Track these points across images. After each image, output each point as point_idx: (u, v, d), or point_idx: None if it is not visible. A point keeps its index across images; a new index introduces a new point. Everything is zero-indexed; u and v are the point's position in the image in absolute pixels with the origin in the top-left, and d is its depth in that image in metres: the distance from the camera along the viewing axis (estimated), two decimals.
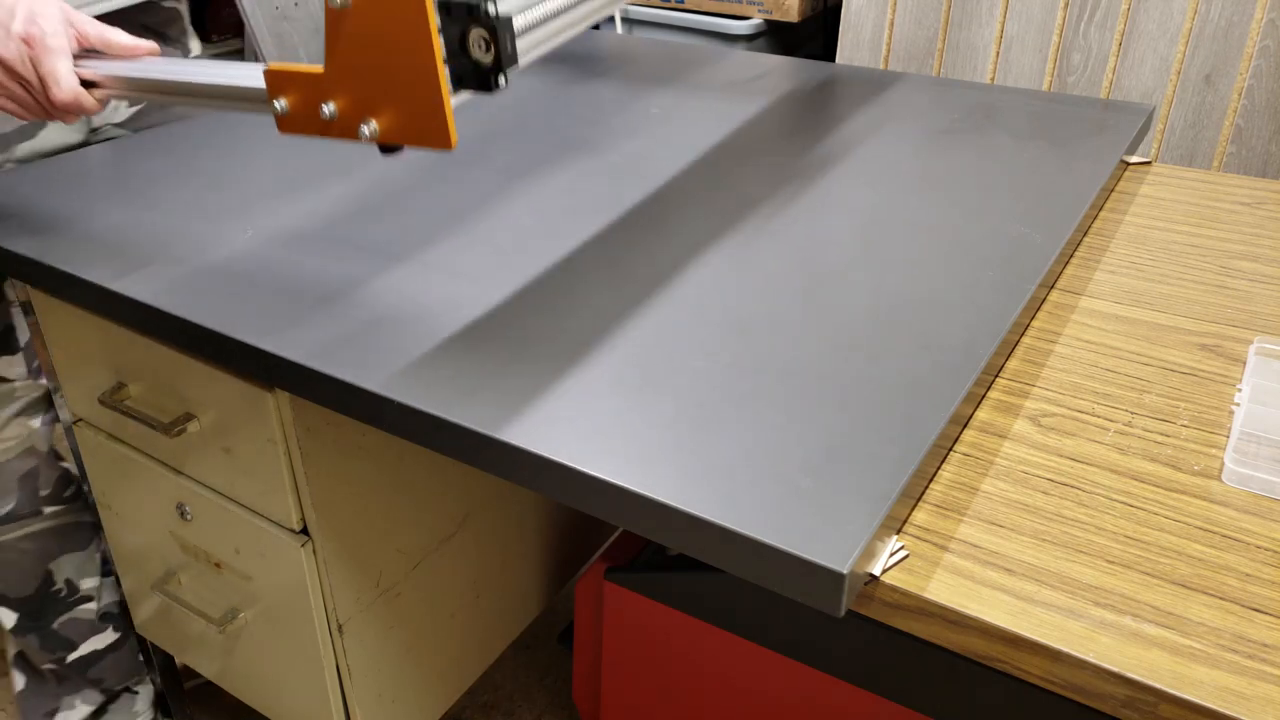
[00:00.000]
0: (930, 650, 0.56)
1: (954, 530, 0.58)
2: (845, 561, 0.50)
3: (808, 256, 0.80)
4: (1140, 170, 1.03)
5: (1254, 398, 0.67)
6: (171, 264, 0.80)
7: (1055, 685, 0.52)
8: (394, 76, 0.59)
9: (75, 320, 0.90)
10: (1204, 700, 0.48)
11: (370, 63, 0.59)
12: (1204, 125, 1.71)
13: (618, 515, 0.57)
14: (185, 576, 0.99)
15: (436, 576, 0.99)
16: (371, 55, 0.59)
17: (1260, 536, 0.57)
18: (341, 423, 0.82)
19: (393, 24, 0.57)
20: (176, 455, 0.90)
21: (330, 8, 0.58)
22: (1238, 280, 0.82)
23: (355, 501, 0.86)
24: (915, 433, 0.60)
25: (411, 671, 1.00)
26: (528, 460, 0.59)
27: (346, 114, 0.62)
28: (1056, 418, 0.67)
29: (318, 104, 0.63)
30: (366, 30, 0.58)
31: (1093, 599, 0.53)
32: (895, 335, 0.69)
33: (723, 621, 0.72)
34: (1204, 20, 1.64)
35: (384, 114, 0.61)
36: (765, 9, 1.91)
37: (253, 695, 1.02)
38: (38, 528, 1.07)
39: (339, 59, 0.60)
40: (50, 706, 1.18)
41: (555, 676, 1.38)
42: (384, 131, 0.62)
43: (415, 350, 0.69)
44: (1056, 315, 0.78)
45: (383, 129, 0.62)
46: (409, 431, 0.65)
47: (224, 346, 0.72)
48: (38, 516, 1.07)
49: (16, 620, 1.11)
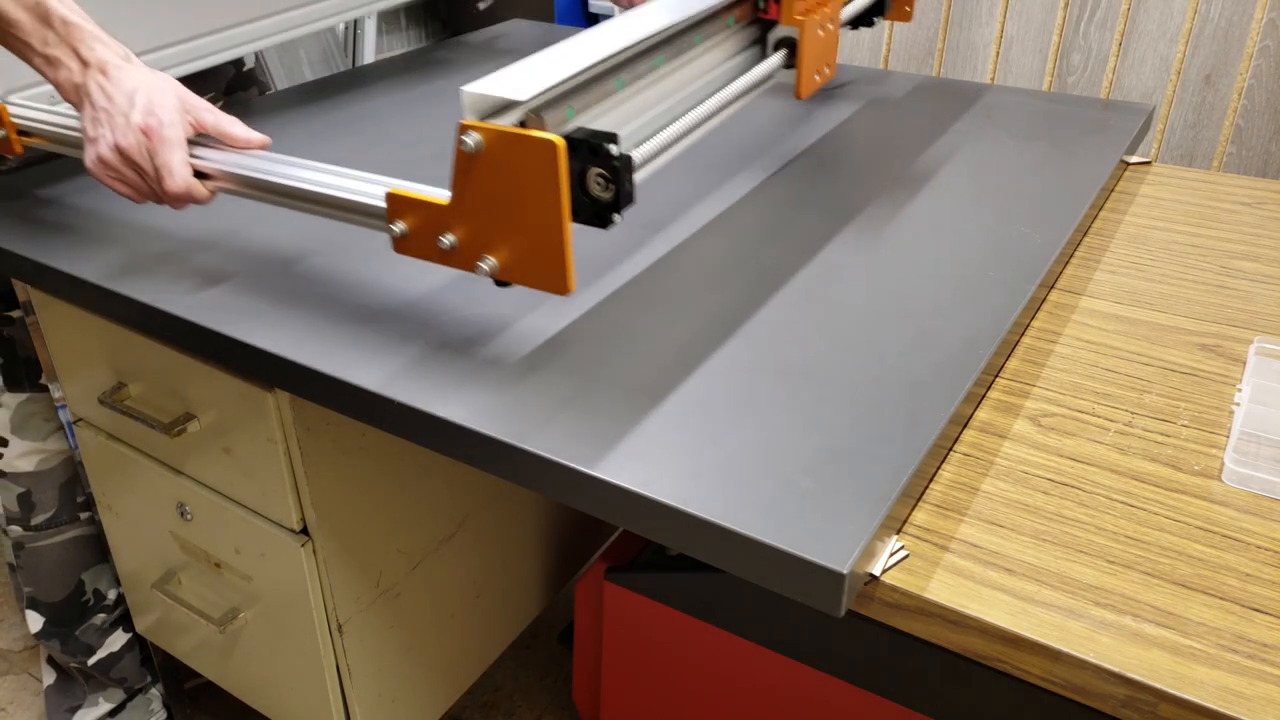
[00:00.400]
0: (930, 650, 0.56)
1: (954, 530, 0.58)
2: (845, 561, 0.50)
3: (806, 256, 0.80)
4: (1140, 170, 1.03)
5: (1254, 398, 0.67)
6: (173, 264, 0.80)
7: (1055, 685, 0.52)
8: (518, 219, 0.59)
9: (75, 320, 0.90)
10: (1204, 700, 0.48)
11: (495, 203, 0.60)
12: (1204, 125, 1.71)
13: (618, 515, 0.57)
14: (185, 576, 0.99)
15: (436, 576, 0.99)
16: (498, 196, 0.59)
17: (1260, 536, 0.57)
18: (341, 423, 0.82)
19: (524, 172, 0.57)
20: (176, 455, 0.90)
21: (462, 150, 0.58)
22: (1238, 280, 0.82)
23: (355, 501, 0.86)
24: (915, 433, 0.60)
25: (411, 671, 1.00)
26: (527, 460, 0.59)
27: (465, 247, 0.63)
28: (1056, 418, 0.67)
29: (438, 233, 0.63)
30: (495, 173, 0.58)
31: (1093, 599, 0.53)
32: (895, 335, 0.69)
33: (723, 621, 0.72)
34: (1204, 20, 1.64)
35: (503, 252, 0.61)
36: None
37: (253, 695, 1.02)
38: (74, 534, 1.11)
39: (465, 196, 0.61)
40: (74, 702, 1.22)
41: (555, 676, 1.38)
42: (502, 268, 0.62)
43: (414, 349, 0.69)
44: (1056, 315, 0.78)
45: (500, 266, 0.62)
46: (408, 431, 0.65)
47: (223, 346, 0.72)
48: (75, 523, 1.11)
49: (43, 624, 1.14)
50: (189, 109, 0.73)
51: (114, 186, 0.74)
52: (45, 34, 0.73)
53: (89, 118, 0.72)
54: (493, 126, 0.58)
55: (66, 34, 0.73)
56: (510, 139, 0.57)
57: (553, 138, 0.56)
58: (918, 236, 0.82)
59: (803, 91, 0.84)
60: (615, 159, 0.58)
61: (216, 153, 0.74)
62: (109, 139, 0.71)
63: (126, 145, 0.71)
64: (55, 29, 0.72)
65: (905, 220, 0.85)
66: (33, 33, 0.73)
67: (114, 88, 0.71)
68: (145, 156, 0.71)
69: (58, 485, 1.08)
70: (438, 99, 1.16)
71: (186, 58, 1.03)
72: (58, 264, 0.81)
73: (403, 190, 0.64)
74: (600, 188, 0.60)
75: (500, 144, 0.57)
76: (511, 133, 0.57)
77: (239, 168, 0.72)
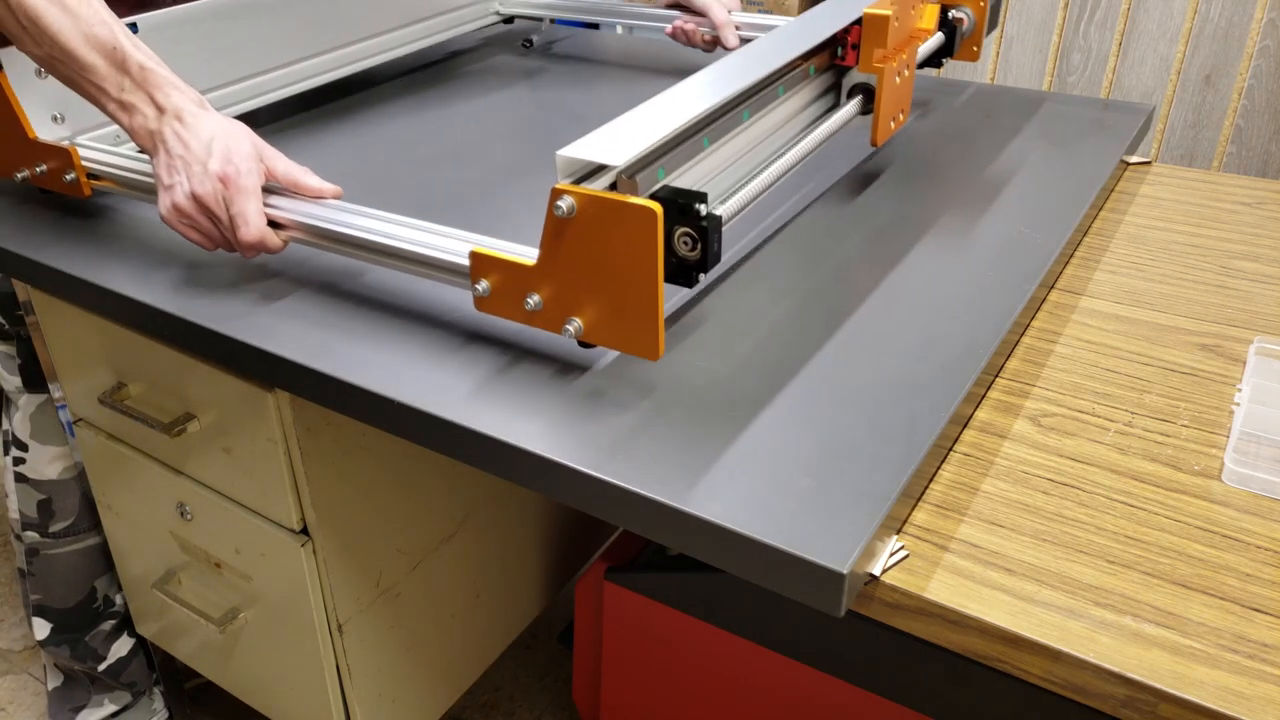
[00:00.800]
0: (930, 650, 0.56)
1: (954, 530, 0.58)
2: (845, 561, 0.50)
3: (805, 257, 0.80)
4: (1140, 170, 1.03)
5: (1254, 398, 0.67)
6: (173, 263, 0.80)
7: (1055, 685, 0.52)
8: (609, 282, 0.59)
9: (75, 320, 0.90)
10: (1204, 700, 0.48)
11: (586, 266, 0.59)
12: (1204, 125, 1.71)
13: (618, 515, 0.57)
14: (185, 576, 0.99)
15: (436, 576, 0.99)
16: (589, 260, 0.59)
17: (1260, 536, 0.57)
18: (341, 422, 0.82)
19: (618, 237, 0.57)
20: (176, 455, 0.90)
21: (554, 215, 0.58)
22: (1238, 280, 0.82)
23: (355, 501, 0.86)
24: (915, 433, 0.60)
25: (411, 671, 1.00)
26: (526, 460, 0.59)
27: (552, 308, 0.62)
28: (1056, 418, 0.67)
29: (523, 294, 0.63)
30: (588, 237, 0.58)
31: (1093, 599, 0.53)
32: (895, 335, 0.69)
33: (723, 621, 0.72)
34: (1204, 20, 1.64)
35: (591, 314, 0.61)
36: (765, 9, 1.91)
37: (253, 695, 1.03)
38: (91, 542, 1.11)
39: (555, 258, 0.60)
40: (78, 703, 1.22)
41: (555, 676, 1.38)
42: (588, 331, 0.61)
43: (413, 349, 0.69)
44: (1056, 315, 0.78)
45: (587, 328, 0.61)
46: (407, 430, 0.65)
47: (224, 347, 0.72)
48: (93, 531, 1.10)
49: (49, 632, 1.14)
50: (262, 158, 0.72)
51: (186, 234, 0.74)
52: (121, 80, 0.72)
53: (164, 164, 0.72)
54: (587, 191, 0.57)
55: (143, 79, 0.72)
56: (606, 205, 0.56)
57: (653, 205, 0.55)
58: (917, 236, 0.82)
59: (878, 139, 0.84)
60: (704, 218, 0.58)
61: (291, 202, 0.73)
62: (185, 186, 0.71)
63: (203, 193, 0.70)
64: (131, 74, 0.72)
65: (905, 220, 0.85)
66: (108, 78, 0.72)
67: (190, 135, 0.71)
68: (221, 205, 0.70)
69: (79, 493, 1.07)
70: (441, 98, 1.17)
71: (255, 92, 1.05)
72: (58, 264, 0.81)
73: (488, 250, 0.63)
74: (687, 247, 0.59)
75: (595, 208, 0.57)
76: (608, 199, 0.56)
77: (314, 218, 0.71)
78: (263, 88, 1.04)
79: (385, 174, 0.96)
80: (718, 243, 0.59)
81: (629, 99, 1.16)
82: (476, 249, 0.64)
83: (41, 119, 0.86)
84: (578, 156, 0.59)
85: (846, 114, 0.83)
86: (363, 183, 0.94)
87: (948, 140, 1.01)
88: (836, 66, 0.87)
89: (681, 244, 0.59)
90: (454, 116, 1.10)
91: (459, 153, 1.00)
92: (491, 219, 0.86)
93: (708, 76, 0.72)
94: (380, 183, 0.94)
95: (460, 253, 0.65)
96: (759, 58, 0.76)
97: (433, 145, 1.02)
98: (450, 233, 0.67)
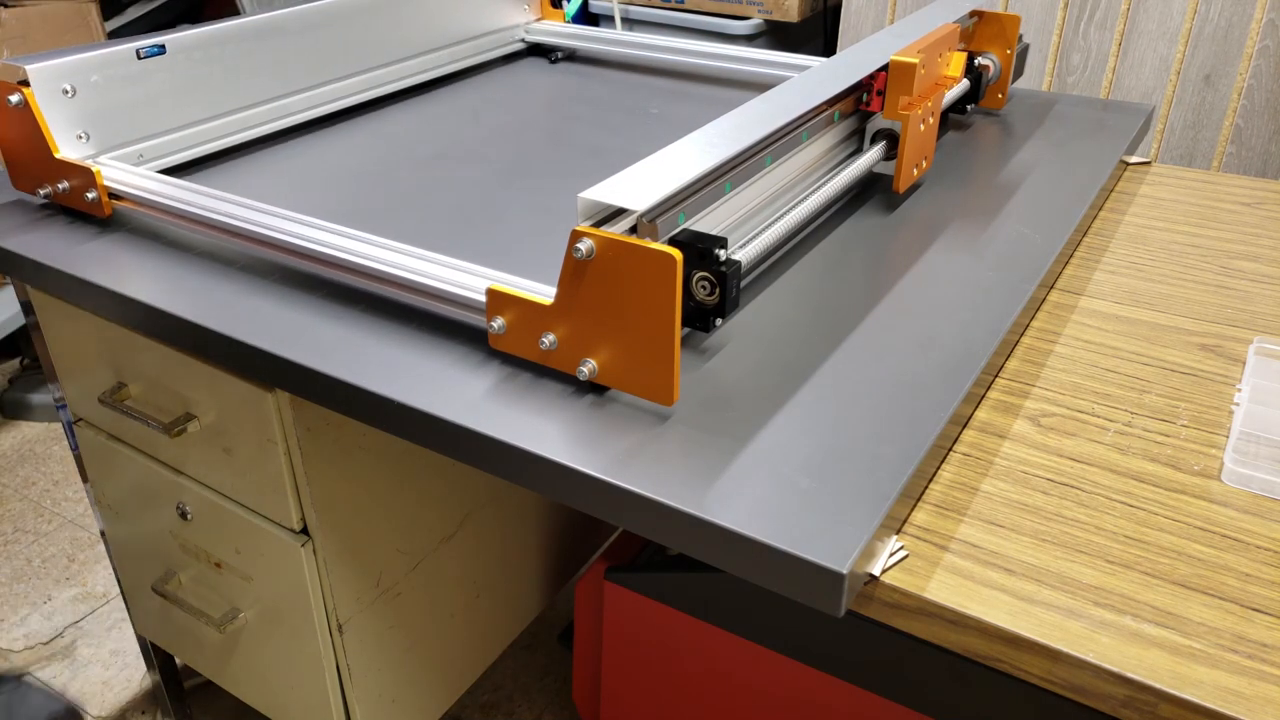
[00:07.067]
0: (930, 650, 0.56)
1: (954, 530, 0.58)
2: (845, 561, 0.50)
3: (806, 257, 0.80)
4: (1140, 170, 1.03)
5: (1254, 398, 0.67)
6: (173, 263, 0.80)
7: (1055, 685, 0.52)
8: (626, 325, 0.59)
9: (75, 320, 0.90)
10: (1204, 700, 0.48)
11: (603, 308, 0.59)
12: (1204, 125, 1.71)
13: (618, 515, 0.57)
14: (185, 577, 0.99)
15: (436, 576, 0.99)
16: (607, 302, 0.59)
17: (1260, 536, 0.57)
18: (341, 423, 0.82)
19: (637, 281, 0.57)
20: (176, 455, 0.90)
21: (573, 256, 0.58)
22: (1238, 280, 0.82)
23: (355, 501, 0.86)
24: (915, 433, 0.60)
25: (411, 671, 1.00)
26: (526, 460, 0.59)
27: (566, 348, 0.62)
28: (1056, 418, 0.67)
29: (539, 333, 0.63)
30: (607, 279, 0.58)
31: (1093, 599, 0.53)
32: (895, 335, 0.69)
33: (723, 621, 0.72)
34: (1204, 20, 1.64)
35: (605, 357, 0.61)
36: (765, 9, 1.91)
37: (253, 695, 1.02)
38: None
39: (572, 299, 0.60)
40: None
41: (555, 676, 1.38)
42: (602, 373, 0.62)
43: (412, 347, 0.69)
44: (1056, 315, 0.78)
45: (601, 370, 0.62)
46: (406, 430, 0.65)
47: (223, 346, 0.72)
48: None
49: None
50: None
51: None
52: None
53: None
54: (607, 235, 0.57)
55: None
56: (626, 249, 0.56)
57: (672, 252, 0.55)
58: (917, 236, 0.82)
59: (901, 185, 0.84)
60: (723, 264, 0.57)
61: (303, 228, 0.73)
62: None
63: None
64: None
65: (904, 220, 0.85)
66: None
67: None
68: None
69: None
70: None
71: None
72: (58, 264, 0.81)
73: (505, 288, 0.64)
74: (705, 292, 0.59)
75: (614, 252, 0.57)
76: (628, 243, 0.56)
77: (330, 248, 0.72)
78: (286, 110, 1.04)
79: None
80: (737, 289, 0.59)
81: (630, 98, 1.16)
82: (494, 286, 0.64)
83: (67, 137, 0.86)
84: (599, 199, 0.59)
85: (869, 160, 0.83)
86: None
87: (948, 141, 1.01)
88: (861, 111, 0.87)
89: (700, 288, 0.59)
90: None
91: (453, 153, 1.00)
92: (489, 216, 0.86)
93: (733, 121, 0.71)
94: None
95: (477, 289, 0.65)
96: (784, 103, 0.75)
97: (447, 148, 1.02)
98: (468, 267, 0.68)
